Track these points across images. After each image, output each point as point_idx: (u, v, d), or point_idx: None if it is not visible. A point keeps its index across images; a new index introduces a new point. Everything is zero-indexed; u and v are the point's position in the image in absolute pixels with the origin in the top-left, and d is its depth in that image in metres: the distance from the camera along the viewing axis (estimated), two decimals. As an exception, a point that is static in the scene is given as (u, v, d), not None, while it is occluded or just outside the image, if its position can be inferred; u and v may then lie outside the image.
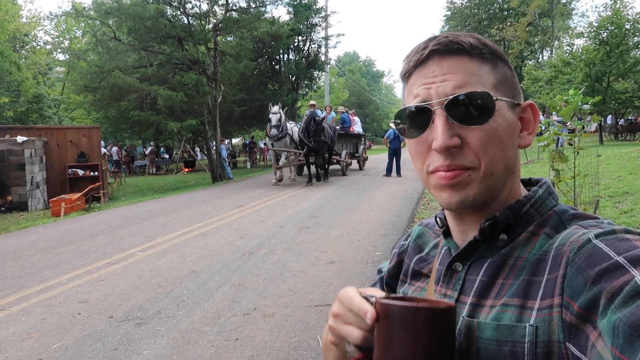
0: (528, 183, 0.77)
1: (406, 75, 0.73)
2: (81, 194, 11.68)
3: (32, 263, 5.81)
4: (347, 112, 18.67)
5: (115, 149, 25.78)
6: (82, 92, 18.46)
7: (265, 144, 32.42)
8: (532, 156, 14.82)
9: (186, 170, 25.87)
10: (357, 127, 18.46)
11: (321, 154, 13.99)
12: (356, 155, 18.15)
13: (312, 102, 15.58)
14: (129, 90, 15.52)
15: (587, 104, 4.89)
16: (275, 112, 13.14)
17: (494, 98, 0.66)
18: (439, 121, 0.66)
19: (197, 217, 8.69)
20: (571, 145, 5.10)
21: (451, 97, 0.66)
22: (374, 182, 13.71)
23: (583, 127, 5.28)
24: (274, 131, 13.06)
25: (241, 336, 3.44)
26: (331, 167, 15.77)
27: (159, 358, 3.16)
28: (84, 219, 9.50)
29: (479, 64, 0.68)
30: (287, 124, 13.96)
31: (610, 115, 23.07)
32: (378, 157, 22.90)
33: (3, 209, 11.64)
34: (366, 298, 0.61)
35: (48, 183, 12.91)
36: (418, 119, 0.69)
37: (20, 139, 11.86)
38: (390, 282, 0.90)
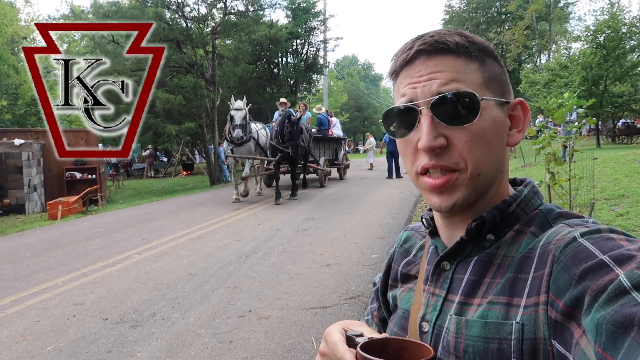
0: (512, 183, 0.78)
1: (394, 75, 0.74)
2: (78, 196, 11.66)
3: (28, 266, 5.80)
4: (325, 112, 15.92)
5: (113, 151, 25.76)
6: (80, 95, 18.45)
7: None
8: (529, 159, 14.84)
9: (185, 173, 25.86)
10: (336, 130, 15.96)
11: (297, 162, 11.53)
12: (335, 162, 15.40)
13: (282, 99, 12.90)
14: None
15: (581, 107, 4.90)
16: (239, 108, 10.15)
17: (480, 98, 0.66)
18: (425, 121, 0.67)
19: (194, 219, 8.69)
20: (566, 148, 5.12)
21: (437, 97, 0.66)
22: (372, 185, 13.71)
23: (579, 130, 5.30)
24: (237, 132, 9.98)
25: (236, 338, 3.44)
26: (307, 176, 13.96)
27: (153, 360, 3.15)
28: (81, 222, 9.49)
29: (466, 63, 0.68)
30: (253, 125, 11.28)
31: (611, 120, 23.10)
32: (377, 160, 22.92)
33: (0, 211, 11.62)
34: (351, 338, 0.63)
35: (45, 186, 12.90)
36: (405, 118, 0.70)
37: (17, 141, 11.86)
38: (383, 291, 0.91)
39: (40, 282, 5.06)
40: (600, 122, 21.25)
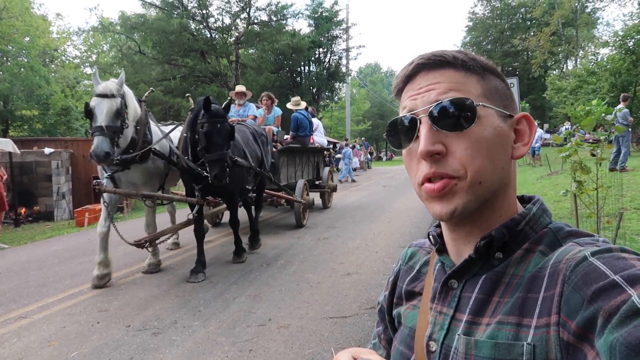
0: (520, 200, 0.77)
1: (397, 92, 0.76)
2: (105, 204, 11.90)
3: (55, 272, 5.94)
4: (305, 109, 10.03)
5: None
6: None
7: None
8: (555, 167, 14.53)
9: (208, 181, 26.13)
10: (318, 137, 10.76)
11: (236, 196, 6.03)
12: (318, 183, 10.21)
13: (238, 87, 8.84)
14: (153, 102, 15.90)
15: (610, 114, 4.78)
16: (106, 94, 4.66)
17: (476, 104, 0.67)
18: (423, 129, 0.68)
19: (217, 227, 8.76)
20: (594, 156, 4.99)
21: (434, 104, 0.67)
22: (394, 193, 13.63)
23: (607, 138, 5.16)
24: (98, 144, 4.42)
25: (255, 347, 3.45)
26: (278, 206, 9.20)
27: (173, 368, 3.18)
28: (107, 229, 9.65)
29: (465, 75, 0.69)
30: (157, 128, 5.94)
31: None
32: (399, 168, 22.81)
33: (30, 218, 11.96)
34: None
35: (73, 194, 13.20)
36: (407, 130, 0.71)
37: (47, 150, 12.19)
38: (389, 310, 0.91)
39: (67, 288, 5.17)
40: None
